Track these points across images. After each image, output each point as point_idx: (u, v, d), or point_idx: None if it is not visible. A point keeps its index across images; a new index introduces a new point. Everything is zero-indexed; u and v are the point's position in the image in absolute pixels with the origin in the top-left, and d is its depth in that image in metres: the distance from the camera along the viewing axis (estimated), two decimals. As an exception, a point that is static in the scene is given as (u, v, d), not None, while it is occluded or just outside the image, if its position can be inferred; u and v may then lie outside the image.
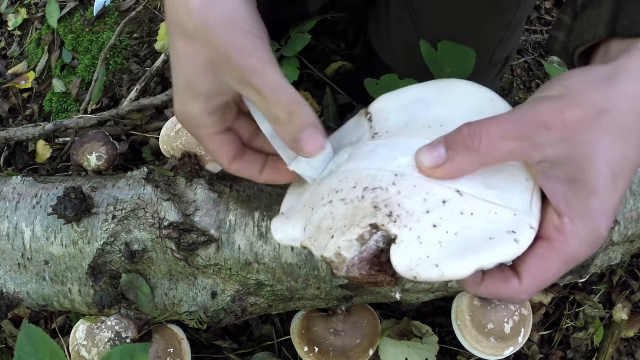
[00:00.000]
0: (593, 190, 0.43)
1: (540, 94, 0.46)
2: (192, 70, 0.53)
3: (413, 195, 0.48)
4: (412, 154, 0.50)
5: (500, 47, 0.93)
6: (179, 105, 0.57)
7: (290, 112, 0.50)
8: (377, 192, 0.49)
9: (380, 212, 0.48)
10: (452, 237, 0.47)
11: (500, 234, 0.46)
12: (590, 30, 0.50)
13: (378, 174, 0.50)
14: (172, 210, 0.78)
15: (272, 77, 0.51)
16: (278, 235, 0.57)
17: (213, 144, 0.59)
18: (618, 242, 0.91)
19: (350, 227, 0.49)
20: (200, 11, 0.51)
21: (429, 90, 0.60)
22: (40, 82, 1.32)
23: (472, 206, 0.47)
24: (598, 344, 1.14)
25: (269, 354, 1.02)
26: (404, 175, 0.49)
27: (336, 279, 0.80)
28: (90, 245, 0.80)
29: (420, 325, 0.99)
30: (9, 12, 1.45)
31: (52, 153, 1.16)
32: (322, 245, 0.50)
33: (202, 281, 0.82)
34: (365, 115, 0.62)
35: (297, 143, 0.51)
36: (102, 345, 0.82)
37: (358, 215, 0.49)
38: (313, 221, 0.53)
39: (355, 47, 1.18)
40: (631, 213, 0.89)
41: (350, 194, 0.51)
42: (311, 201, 0.55)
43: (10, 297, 0.84)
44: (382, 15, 0.99)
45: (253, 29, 0.52)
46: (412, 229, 0.47)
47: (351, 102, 1.14)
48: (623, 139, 0.43)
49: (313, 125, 0.51)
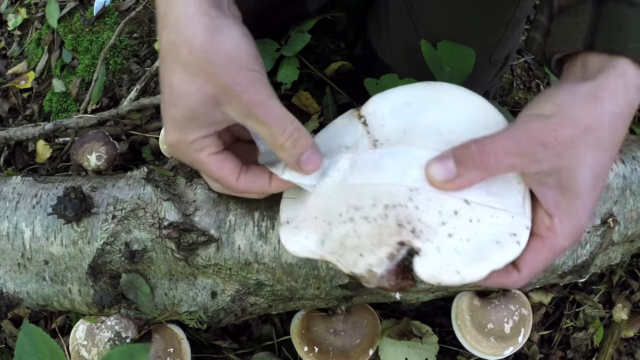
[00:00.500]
0: (578, 195, 0.52)
1: (534, 110, 0.51)
2: (193, 103, 0.55)
3: (430, 209, 0.53)
4: (421, 165, 0.54)
5: (500, 47, 0.93)
6: (173, 135, 0.58)
7: (295, 140, 0.56)
8: (398, 209, 0.53)
9: (405, 230, 0.53)
10: (466, 244, 0.52)
11: (504, 237, 0.52)
12: (569, 41, 0.55)
13: (394, 190, 0.54)
14: (172, 210, 0.78)
15: (275, 109, 0.55)
16: (292, 247, 0.59)
17: (215, 164, 0.60)
18: (618, 242, 0.91)
19: (380, 246, 0.53)
20: (204, 49, 0.53)
21: (418, 94, 0.62)
22: (40, 82, 1.32)
23: (478, 213, 0.53)
24: (598, 344, 1.14)
25: (269, 354, 1.02)
26: (418, 189, 0.53)
27: (336, 278, 0.80)
28: (90, 245, 0.80)
29: (420, 325, 0.99)
30: (9, 12, 1.45)
31: (52, 153, 1.16)
32: (350, 263, 0.54)
33: (202, 281, 0.82)
34: (358, 117, 0.63)
35: (299, 164, 0.57)
36: (102, 345, 0.82)
37: (385, 234, 0.53)
38: (334, 237, 0.56)
39: (355, 47, 1.18)
40: (631, 213, 0.89)
41: (372, 212, 0.55)
42: (325, 215, 0.58)
43: (10, 297, 0.84)
44: (381, 15, 0.99)
45: (253, 66, 0.55)
46: (432, 240, 0.53)
47: (351, 102, 1.14)
48: (603, 150, 0.51)
49: (312, 146, 0.57)
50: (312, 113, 1.15)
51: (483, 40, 0.89)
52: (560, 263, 0.87)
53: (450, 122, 0.58)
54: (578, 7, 0.55)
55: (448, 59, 0.82)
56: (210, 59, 0.52)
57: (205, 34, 0.52)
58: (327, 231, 0.57)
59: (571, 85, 0.52)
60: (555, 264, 0.87)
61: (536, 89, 1.34)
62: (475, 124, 0.56)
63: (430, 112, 0.60)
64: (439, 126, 0.58)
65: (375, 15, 1.02)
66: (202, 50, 0.52)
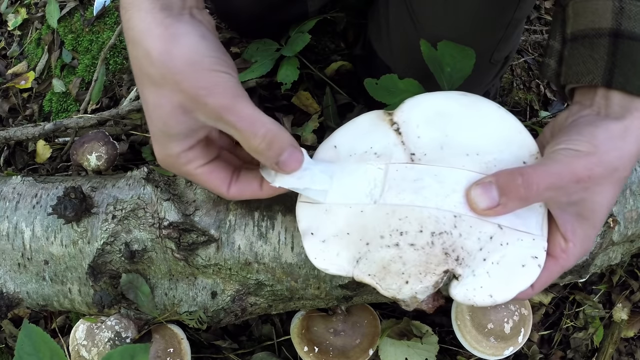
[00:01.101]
0: (594, 225, 0.56)
1: (571, 145, 0.53)
2: (164, 115, 0.55)
3: (470, 236, 0.54)
4: (462, 189, 0.55)
5: (500, 47, 0.93)
6: (159, 150, 0.58)
7: (269, 142, 0.54)
8: (444, 237, 0.54)
9: (450, 258, 0.54)
10: (496, 267, 0.54)
11: (528, 260, 0.55)
12: (586, 75, 0.57)
13: (440, 216, 0.54)
14: (172, 210, 0.78)
15: (245, 111, 0.53)
16: (321, 264, 0.57)
17: (205, 176, 0.60)
18: (618, 242, 0.91)
19: (427, 275, 0.54)
20: (162, 58, 0.52)
21: (452, 105, 0.60)
22: (40, 82, 1.32)
23: (507, 237, 0.55)
24: (598, 344, 1.14)
25: (269, 354, 1.02)
26: (461, 216, 0.54)
27: (336, 279, 0.80)
28: (90, 245, 0.80)
29: (420, 325, 0.99)
30: (9, 12, 1.45)
31: (52, 153, 1.16)
32: (394, 288, 0.55)
33: (202, 281, 0.82)
34: (389, 123, 0.61)
35: (279, 165, 0.56)
36: (102, 345, 0.82)
37: (432, 262, 0.54)
38: (374, 260, 0.55)
39: (355, 47, 1.18)
40: (631, 213, 0.89)
41: (419, 239, 0.55)
42: (361, 233, 0.56)
43: (10, 297, 0.84)
44: (381, 15, 0.99)
45: (217, 67, 0.53)
46: (470, 266, 0.54)
47: (351, 102, 1.14)
48: (619, 186, 0.56)
49: (289, 145, 0.55)
50: (312, 113, 1.15)
51: (483, 41, 0.89)
52: (560, 263, 0.87)
53: (487, 142, 0.58)
54: (594, 41, 0.57)
55: (448, 59, 0.82)
56: (170, 67, 0.52)
57: (161, 44, 0.52)
58: (365, 252, 0.56)
59: (605, 124, 0.54)
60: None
61: (536, 89, 1.34)
62: (510, 145, 0.57)
63: (466, 127, 0.59)
64: (476, 145, 0.57)
65: (375, 16, 1.02)
66: (160, 60, 0.52)
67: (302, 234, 0.59)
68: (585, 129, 0.54)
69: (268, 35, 1.09)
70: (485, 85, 1.05)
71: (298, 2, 1.05)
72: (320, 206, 0.60)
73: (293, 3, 1.04)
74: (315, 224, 0.59)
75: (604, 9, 0.56)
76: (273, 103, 1.17)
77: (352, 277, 0.57)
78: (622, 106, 0.55)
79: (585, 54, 0.57)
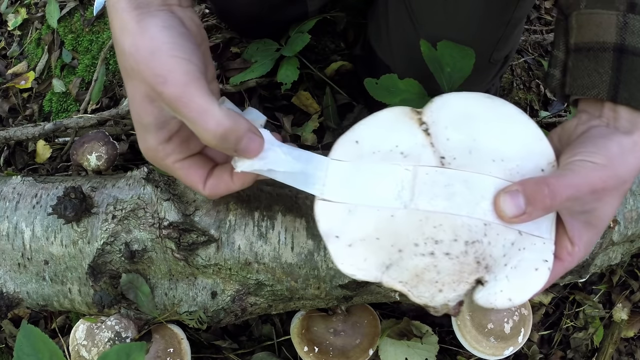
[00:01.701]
0: (599, 232, 0.59)
1: (587, 157, 0.55)
2: (136, 106, 0.56)
3: (497, 244, 0.55)
4: (490, 196, 0.55)
5: (500, 47, 0.93)
6: (140, 143, 0.59)
7: (222, 137, 0.52)
8: (476, 245, 0.55)
9: (481, 266, 0.55)
10: (514, 271, 0.56)
11: (540, 263, 0.56)
12: (592, 89, 0.59)
13: (472, 225, 0.55)
14: (172, 210, 0.78)
15: (196, 102, 0.52)
16: (348, 270, 0.56)
17: (182, 171, 0.60)
18: (618, 242, 0.91)
19: (460, 283, 0.55)
20: (130, 51, 0.53)
21: (479, 108, 0.60)
22: (40, 82, 1.32)
23: (524, 242, 0.56)
24: (598, 344, 1.14)
25: (269, 354, 1.02)
26: (490, 224, 0.55)
27: (336, 278, 0.80)
28: (90, 245, 0.80)
29: (420, 325, 0.99)
30: (9, 12, 1.45)
31: (52, 153, 1.16)
32: (427, 296, 0.55)
33: (202, 281, 0.82)
34: (418, 123, 0.59)
35: (240, 153, 0.55)
36: (102, 345, 0.82)
37: (465, 271, 0.55)
38: (407, 267, 0.55)
39: (355, 47, 1.18)
40: (631, 213, 0.89)
41: (453, 248, 0.55)
42: (392, 239, 0.55)
43: (10, 297, 0.84)
44: (381, 15, 0.99)
45: (175, 52, 0.53)
46: (494, 272, 0.56)
47: (351, 102, 1.14)
48: (624, 196, 0.60)
49: (246, 131, 0.54)
50: (312, 113, 1.15)
51: (483, 40, 0.89)
52: (560, 263, 0.87)
53: (512, 149, 0.58)
54: (599, 54, 0.58)
55: (448, 59, 0.82)
56: (136, 58, 0.53)
57: (131, 38, 0.53)
58: (396, 258, 0.55)
59: (617, 138, 0.57)
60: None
61: (536, 89, 1.34)
62: (531, 153, 0.58)
63: (492, 132, 0.58)
64: (501, 151, 0.58)
65: (375, 16, 1.02)
66: (129, 53, 0.53)
67: (325, 236, 0.57)
68: (599, 142, 0.56)
69: (268, 35, 1.09)
70: (485, 84, 1.05)
71: (298, 2, 1.05)
72: (341, 206, 0.58)
73: (293, 3, 1.04)
74: (337, 225, 0.57)
75: (608, 23, 0.57)
76: (273, 103, 1.17)
77: (380, 282, 0.56)
78: (630, 121, 0.58)
79: (590, 67, 0.59)
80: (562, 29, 0.64)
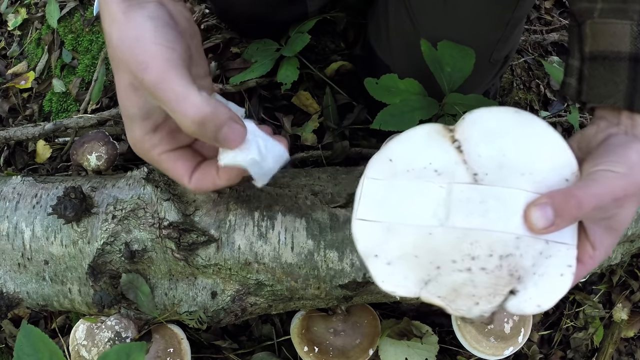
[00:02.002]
0: (619, 234, 0.61)
1: (609, 166, 0.56)
2: (122, 97, 0.56)
3: (528, 255, 0.57)
4: (520, 210, 0.57)
5: (500, 47, 0.93)
6: (127, 135, 0.59)
7: (201, 123, 0.51)
8: (509, 259, 0.57)
9: (514, 278, 0.57)
10: (542, 278, 0.58)
11: (565, 269, 0.58)
12: (609, 98, 0.61)
13: (505, 239, 0.57)
14: (172, 210, 0.78)
15: (175, 88, 0.51)
16: (389, 288, 0.57)
17: (168, 163, 0.59)
18: (618, 242, 0.91)
19: (495, 296, 0.57)
20: (116, 42, 0.54)
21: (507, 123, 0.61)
22: (40, 82, 1.32)
23: (550, 250, 0.58)
24: (598, 344, 1.14)
25: (269, 354, 1.02)
26: (521, 237, 0.57)
27: (336, 278, 0.80)
28: (90, 245, 0.80)
29: (420, 325, 0.99)
30: (9, 12, 1.45)
31: (52, 153, 1.16)
32: (464, 309, 0.57)
33: (202, 281, 0.82)
34: (451, 140, 0.60)
35: (221, 142, 0.54)
36: (102, 345, 0.82)
37: (500, 284, 0.57)
38: (445, 283, 0.57)
39: (355, 47, 1.18)
40: (631, 213, 0.89)
41: (489, 263, 0.57)
42: (431, 256, 0.57)
43: (10, 297, 0.84)
44: (381, 16, 0.99)
45: (158, 39, 0.53)
46: (525, 282, 0.58)
47: (351, 102, 1.14)
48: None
49: (227, 119, 0.53)
50: (312, 113, 1.15)
51: (483, 40, 0.89)
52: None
53: (538, 161, 0.59)
54: (614, 64, 0.60)
55: (448, 59, 0.82)
56: (121, 48, 0.53)
57: (118, 29, 0.54)
58: (435, 275, 0.57)
59: (636, 147, 0.58)
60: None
61: (536, 89, 1.34)
62: (556, 164, 0.59)
63: (520, 146, 0.60)
64: (529, 164, 0.59)
65: (375, 16, 1.02)
66: (116, 44, 0.54)
67: (364, 256, 0.58)
68: (619, 151, 0.58)
69: (268, 35, 1.09)
70: (485, 84, 1.05)
71: (298, 2, 1.05)
72: (378, 224, 0.59)
73: (293, 3, 1.04)
74: (376, 244, 0.58)
75: (623, 33, 0.59)
76: (273, 103, 1.17)
77: (418, 297, 0.58)
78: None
79: (606, 77, 0.60)
80: (575, 37, 0.65)
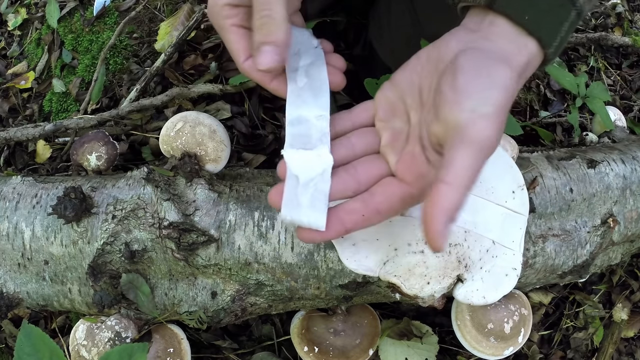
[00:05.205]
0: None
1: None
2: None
3: (475, 248, 0.67)
4: (469, 210, 0.66)
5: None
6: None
7: (261, 24, 0.55)
8: (457, 247, 0.66)
9: (462, 265, 0.66)
10: (488, 274, 0.67)
11: (510, 270, 0.68)
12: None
13: (455, 231, 0.66)
14: (172, 210, 0.78)
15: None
16: (351, 265, 0.65)
17: (234, 34, 0.60)
18: (618, 242, 0.91)
19: (444, 278, 0.66)
20: None
21: None
22: (40, 82, 1.32)
23: (497, 251, 0.68)
24: (598, 344, 1.14)
25: (269, 354, 1.02)
26: (469, 232, 0.67)
27: (336, 278, 0.80)
28: (90, 245, 0.80)
29: (420, 325, 0.99)
30: (9, 12, 1.45)
31: (52, 153, 1.16)
32: (416, 287, 0.65)
33: (202, 281, 0.82)
34: None
35: (257, 52, 0.57)
36: (102, 345, 0.82)
37: (449, 268, 0.66)
38: (401, 263, 0.65)
39: (355, 47, 1.18)
40: (631, 213, 0.89)
41: None
42: (389, 239, 0.65)
43: (10, 297, 0.84)
44: (382, 15, 0.99)
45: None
46: (472, 272, 0.67)
47: (351, 102, 1.14)
48: None
49: (274, 43, 0.56)
50: (312, 113, 1.15)
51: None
52: (560, 263, 0.87)
53: (490, 173, 0.69)
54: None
55: (448, 59, 0.81)
56: None
57: None
58: (392, 256, 0.65)
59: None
60: (555, 264, 0.87)
61: (536, 89, 1.34)
62: (504, 176, 0.70)
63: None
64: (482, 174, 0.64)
65: (376, 16, 1.02)
66: None
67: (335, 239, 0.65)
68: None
69: (268, 35, 1.09)
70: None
71: (298, 2, 1.05)
72: None
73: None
74: None
75: None
76: (273, 103, 1.17)
77: (377, 276, 0.65)
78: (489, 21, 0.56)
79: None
80: None
